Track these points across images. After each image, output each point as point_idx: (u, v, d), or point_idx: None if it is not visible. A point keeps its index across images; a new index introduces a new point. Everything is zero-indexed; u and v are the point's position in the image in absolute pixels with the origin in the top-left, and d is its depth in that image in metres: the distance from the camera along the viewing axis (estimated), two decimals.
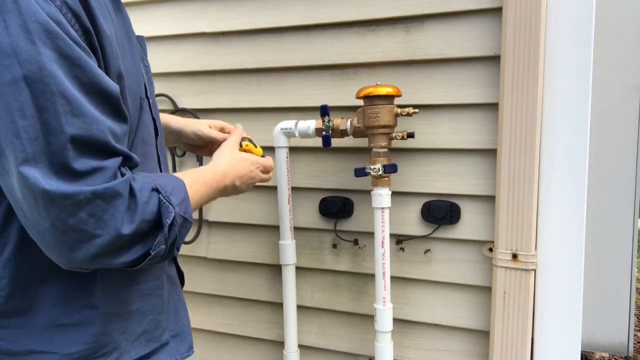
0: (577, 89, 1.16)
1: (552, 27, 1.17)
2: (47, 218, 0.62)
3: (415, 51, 1.30)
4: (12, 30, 0.59)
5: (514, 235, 1.21)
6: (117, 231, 0.66)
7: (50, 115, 0.61)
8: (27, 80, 0.59)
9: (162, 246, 0.72)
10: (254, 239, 1.54)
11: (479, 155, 1.28)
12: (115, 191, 0.65)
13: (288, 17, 1.41)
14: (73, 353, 0.74)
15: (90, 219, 0.63)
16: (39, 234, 0.64)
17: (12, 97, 0.59)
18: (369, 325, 1.43)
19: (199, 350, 1.66)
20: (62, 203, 0.61)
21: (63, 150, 0.61)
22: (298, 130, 1.33)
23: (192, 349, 0.95)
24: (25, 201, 0.61)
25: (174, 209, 0.73)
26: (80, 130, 0.63)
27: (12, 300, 0.72)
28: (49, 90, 0.60)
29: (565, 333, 1.21)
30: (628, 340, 2.60)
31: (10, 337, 0.72)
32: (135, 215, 0.68)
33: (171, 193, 0.74)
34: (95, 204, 0.63)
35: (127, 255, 0.69)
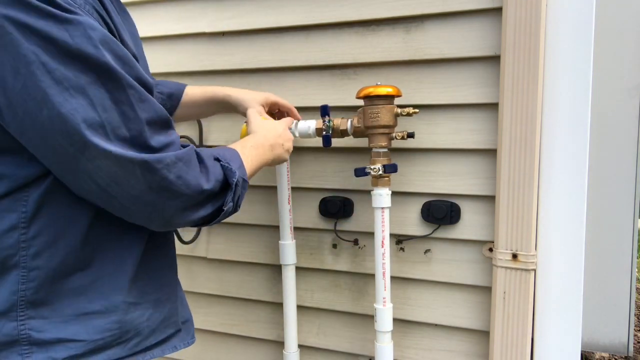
0: (577, 89, 1.16)
1: (552, 27, 1.17)
2: (143, 182, 0.72)
3: (415, 51, 1.30)
4: (77, 39, 0.67)
5: (514, 235, 1.21)
6: (199, 186, 0.78)
7: (126, 106, 0.71)
8: (101, 80, 0.69)
9: (231, 203, 0.86)
10: (254, 239, 1.54)
11: (479, 155, 1.28)
12: (190, 155, 0.78)
13: (288, 17, 1.41)
14: (98, 340, 0.79)
15: (178, 180, 0.75)
16: (135, 198, 0.74)
17: (93, 94, 0.68)
18: (369, 325, 1.43)
19: (198, 350, 1.66)
20: (155, 167, 0.72)
21: (142, 133, 0.73)
22: (298, 130, 1.33)
23: (194, 337, 1.02)
24: (123, 171, 0.71)
25: (236, 172, 0.86)
26: (150, 113, 0.74)
27: (40, 292, 0.75)
28: (120, 85, 0.71)
29: (565, 333, 1.21)
30: (628, 340, 2.60)
31: (39, 327, 0.75)
32: (209, 174, 0.81)
33: (230, 160, 0.87)
34: (178, 167, 0.75)
35: (205, 210, 0.82)
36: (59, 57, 0.66)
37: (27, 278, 0.74)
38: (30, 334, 0.75)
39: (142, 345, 0.86)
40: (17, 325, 0.74)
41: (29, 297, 0.74)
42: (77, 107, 0.67)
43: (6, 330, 0.74)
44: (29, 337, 0.75)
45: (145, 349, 0.87)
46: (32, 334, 0.75)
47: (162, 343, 0.90)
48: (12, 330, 0.74)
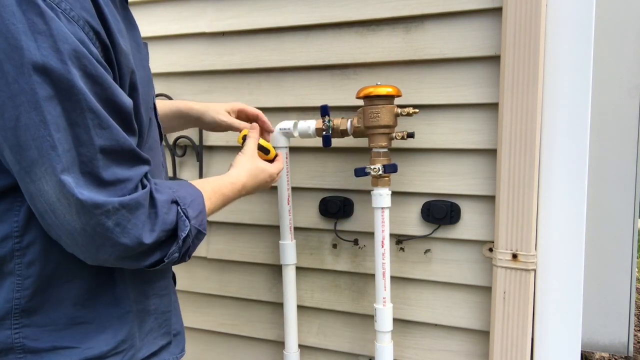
0: (577, 89, 1.16)
1: (552, 27, 1.17)
2: (78, 222, 0.67)
3: (415, 51, 1.30)
4: (44, 51, 0.63)
5: (514, 235, 1.21)
6: (139, 240, 0.72)
7: (81, 129, 0.66)
8: (60, 97, 0.64)
9: (176, 254, 0.78)
10: (254, 239, 1.54)
11: (479, 155, 1.28)
12: (138, 202, 0.71)
13: (288, 17, 1.41)
14: (93, 348, 0.77)
15: (116, 228, 0.69)
16: (69, 234, 0.69)
17: (48, 112, 0.64)
18: (369, 325, 1.43)
19: (199, 351, 1.66)
20: (92, 212, 0.67)
21: (93, 161, 0.67)
22: (298, 130, 1.33)
23: (184, 350, 0.98)
24: (60, 205, 0.66)
25: (190, 222, 0.79)
26: (108, 142, 0.68)
27: (34, 299, 0.74)
28: (79, 107, 0.66)
29: (565, 333, 1.21)
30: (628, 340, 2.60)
31: (34, 335, 0.74)
32: (156, 225, 0.74)
33: (189, 206, 0.80)
34: (120, 214, 0.69)
35: (145, 260, 0.75)
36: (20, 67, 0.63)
37: (21, 286, 0.74)
38: (24, 342, 0.74)
39: (138, 357, 0.84)
40: (11, 334, 0.73)
41: (23, 305, 0.74)
42: (29, 124, 0.64)
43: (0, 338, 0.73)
44: (23, 345, 0.74)
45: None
46: (26, 342, 0.74)
47: (153, 356, 0.88)
48: (7, 338, 0.73)
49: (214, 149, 1.57)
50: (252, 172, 1.05)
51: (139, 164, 0.74)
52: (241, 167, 1.04)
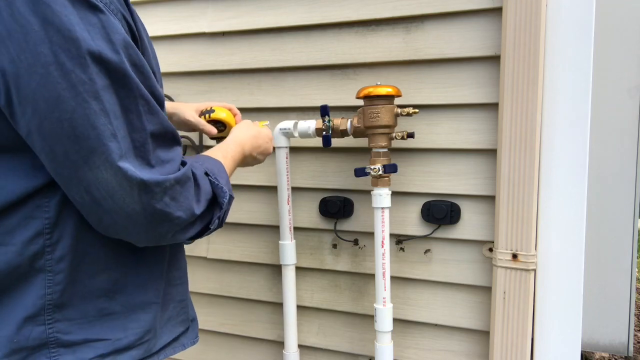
0: (577, 89, 1.16)
1: (552, 27, 1.17)
2: (139, 203, 0.71)
3: (415, 51, 1.30)
4: (98, 42, 0.66)
5: (514, 235, 1.21)
6: (191, 211, 0.77)
7: (134, 115, 0.70)
8: (115, 86, 0.68)
9: (216, 221, 0.84)
10: (254, 239, 1.54)
11: (479, 155, 1.28)
12: (187, 176, 0.77)
13: (288, 17, 1.41)
14: (122, 338, 0.80)
15: (172, 202, 0.74)
16: (128, 216, 0.72)
17: (107, 100, 0.67)
18: (369, 325, 1.43)
19: (199, 351, 1.66)
20: (154, 190, 0.71)
21: (145, 145, 0.71)
22: (298, 130, 1.33)
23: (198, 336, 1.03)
24: (120, 189, 0.69)
25: (226, 190, 0.85)
26: (156, 126, 0.73)
27: (66, 294, 0.76)
28: (132, 95, 0.69)
29: (565, 333, 1.21)
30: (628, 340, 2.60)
31: (66, 329, 0.76)
32: (201, 195, 0.80)
33: (218, 175, 0.86)
34: (175, 189, 0.74)
35: (193, 229, 0.80)
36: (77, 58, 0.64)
37: (53, 282, 0.75)
38: (57, 336, 0.75)
39: (159, 345, 0.88)
40: (45, 329, 0.75)
41: (55, 301, 0.75)
42: (89, 113, 0.66)
43: (35, 334, 0.74)
44: (57, 340, 0.75)
45: (161, 349, 0.89)
46: (60, 336, 0.76)
47: (173, 342, 0.92)
48: (41, 334, 0.74)
49: None
50: (250, 133, 1.10)
51: (177, 145, 0.79)
52: (239, 129, 1.11)
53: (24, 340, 0.74)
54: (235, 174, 1.52)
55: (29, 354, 0.74)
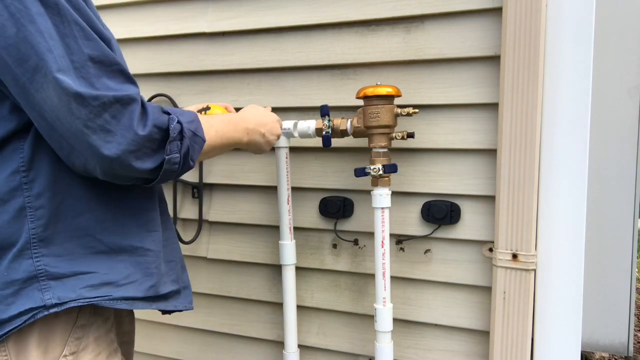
0: (577, 89, 1.16)
1: (552, 27, 1.17)
2: (79, 120, 0.74)
3: (415, 51, 1.30)
4: None
5: (514, 235, 1.21)
6: (134, 131, 0.77)
7: (70, 39, 0.75)
8: (49, 13, 0.74)
9: (176, 155, 0.83)
10: (254, 239, 1.54)
11: (479, 155, 1.28)
12: (131, 97, 0.78)
13: (288, 17, 1.41)
14: (109, 273, 0.85)
15: (113, 120, 0.75)
16: (75, 136, 0.75)
17: (40, 23, 0.73)
18: (369, 325, 1.43)
19: (199, 351, 1.66)
20: (91, 103, 0.74)
21: (85, 67, 0.75)
22: (298, 130, 1.33)
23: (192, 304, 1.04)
24: (62, 105, 0.73)
25: (182, 124, 0.84)
26: (95, 51, 0.76)
27: (49, 230, 0.81)
28: (66, 20, 0.75)
29: (565, 333, 1.21)
30: (628, 340, 2.60)
31: (53, 263, 0.81)
32: (148, 120, 0.80)
33: (181, 115, 0.86)
34: (115, 107, 0.75)
35: (148, 161, 0.80)
36: None
37: (34, 216, 0.80)
38: (46, 269, 0.80)
39: (154, 292, 0.90)
40: (33, 262, 0.80)
41: (39, 235, 0.80)
42: (27, 35, 0.72)
43: (24, 267, 0.79)
44: (46, 272, 0.80)
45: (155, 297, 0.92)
46: (48, 269, 0.80)
47: (167, 297, 0.95)
48: (29, 266, 0.79)
49: None
50: (256, 109, 1.11)
51: (128, 82, 0.80)
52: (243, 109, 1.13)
53: (14, 273, 0.79)
54: (235, 174, 1.52)
55: (21, 287, 0.79)
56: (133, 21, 1.60)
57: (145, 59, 1.61)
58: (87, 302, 0.82)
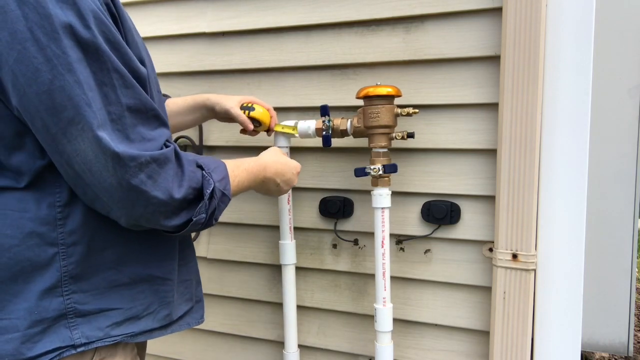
0: (577, 89, 1.16)
1: (552, 27, 1.17)
2: (114, 177, 0.72)
3: (415, 51, 1.30)
4: (71, 17, 0.69)
5: (514, 235, 1.21)
6: (169, 192, 0.77)
7: (109, 88, 0.72)
8: (88, 59, 0.70)
9: (203, 215, 0.83)
10: (254, 239, 1.54)
11: (479, 155, 1.28)
12: (167, 157, 0.77)
13: (288, 17, 1.41)
14: (131, 307, 0.85)
15: (149, 180, 0.74)
16: (106, 191, 0.73)
17: (80, 72, 0.69)
18: (369, 325, 1.43)
19: (199, 350, 1.66)
20: (128, 164, 0.71)
21: (122, 118, 0.73)
22: (298, 130, 1.33)
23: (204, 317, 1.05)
24: (97, 161, 0.71)
25: (214, 183, 0.83)
26: (133, 100, 0.74)
27: (79, 267, 0.80)
28: (105, 67, 0.71)
29: (565, 333, 1.21)
30: (628, 340, 2.60)
31: (81, 300, 0.80)
32: (183, 180, 0.79)
33: (213, 171, 0.85)
34: (151, 167, 0.74)
35: (176, 219, 0.80)
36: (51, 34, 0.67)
37: (66, 254, 0.78)
38: (75, 307, 0.80)
39: (169, 319, 0.91)
40: (63, 300, 0.79)
41: (71, 272, 0.79)
42: (64, 84, 0.68)
43: (54, 305, 0.78)
44: (75, 310, 0.79)
45: (170, 323, 0.92)
46: (77, 306, 0.80)
47: (180, 319, 0.95)
48: (60, 305, 0.78)
49: (214, 149, 1.57)
50: (276, 158, 1.10)
51: (161, 126, 0.79)
52: (265, 153, 1.12)
53: (44, 312, 0.77)
54: None
55: (50, 325, 0.78)
56: (134, 21, 1.60)
57: None
58: (112, 341, 0.82)
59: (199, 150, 1.55)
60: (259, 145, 1.47)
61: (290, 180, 1.13)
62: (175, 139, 1.57)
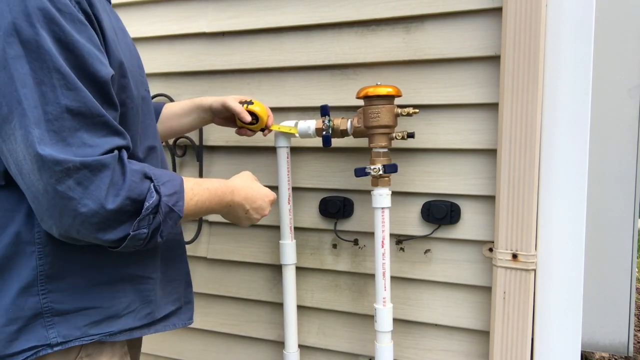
0: (577, 89, 1.16)
1: (552, 27, 1.17)
2: (40, 181, 0.68)
3: (415, 51, 1.30)
4: (15, 14, 0.67)
5: (514, 235, 1.21)
6: (101, 202, 0.70)
7: (47, 87, 0.68)
8: (28, 57, 0.67)
9: (144, 230, 0.76)
10: (254, 239, 1.54)
11: (479, 155, 1.28)
12: (102, 164, 0.71)
13: (288, 17, 1.41)
14: (111, 306, 0.84)
15: (77, 187, 0.69)
16: (35, 197, 0.70)
17: (15, 69, 0.67)
18: (369, 325, 1.43)
19: (199, 350, 1.66)
20: (52, 168, 0.67)
21: (59, 120, 0.68)
22: (298, 130, 1.33)
23: (192, 319, 1.04)
24: (25, 163, 0.68)
25: (161, 197, 0.77)
26: (75, 103, 0.69)
27: (56, 266, 0.79)
28: (46, 66, 0.68)
29: (565, 333, 1.21)
30: (628, 340, 2.60)
31: (59, 299, 0.80)
32: (121, 190, 0.72)
33: (163, 184, 0.79)
34: (82, 173, 0.69)
35: (111, 233, 0.74)
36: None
37: (43, 253, 0.78)
38: (51, 305, 0.79)
39: (151, 318, 0.90)
40: (39, 299, 0.78)
41: (47, 272, 0.78)
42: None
43: (30, 304, 0.78)
44: (51, 309, 0.79)
45: (152, 323, 0.91)
46: (53, 305, 0.79)
47: (164, 319, 0.94)
48: (36, 304, 0.78)
49: (214, 149, 1.57)
50: (247, 182, 1.04)
51: (111, 135, 0.74)
52: (237, 176, 1.07)
53: (20, 310, 0.77)
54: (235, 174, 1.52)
55: (26, 324, 0.78)
56: (133, 21, 1.60)
57: (145, 59, 1.59)
58: (90, 340, 0.82)
59: (199, 150, 1.55)
60: (259, 145, 1.48)
61: (261, 208, 1.05)
62: (176, 139, 1.57)
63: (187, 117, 1.29)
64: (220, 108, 1.26)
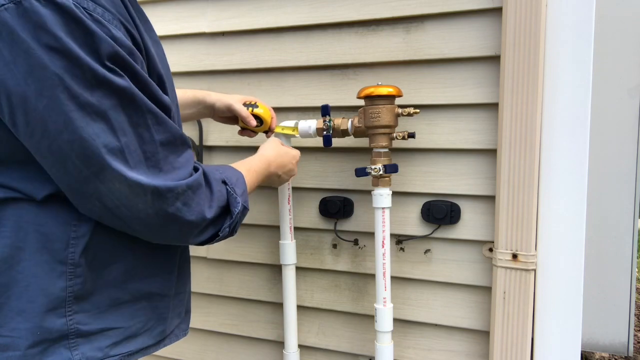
0: (577, 89, 1.16)
1: (552, 27, 1.17)
2: (152, 208, 0.75)
3: (415, 51, 1.30)
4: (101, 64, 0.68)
5: (514, 235, 1.21)
6: (202, 215, 0.81)
7: (143, 129, 0.73)
8: (122, 105, 0.70)
9: (227, 229, 0.87)
10: (254, 239, 1.54)
11: (479, 155, 1.28)
12: (199, 182, 0.81)
13: (288, 17, 1.41)
14: (131, 326, 0.85)
15: (184, 207, 0.78)
16: (141, 221, 0.76)
17: (114, 119, 0.70)
18: (369, 325, 1.43)
19: (199, 350, 1.66)
20: (166, 196, 0.75)
21: (155, 155, 0.75)
22: (299, 129, 1.33)
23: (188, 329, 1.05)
24: (134, 197, 0.73)
25: (240, 200, 0.88)
26: (165, 135, 0.76)
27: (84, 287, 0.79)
28: (140, 110, 0.72)
29: (565, 333, 1.21)
30: (628, 340, 2.60)
31: (84, 320, 0.79)
32: (213, 201, 0.83)
33: (235, 185, 0.90)
34: (187, 195, 0.78)
35: (204, 235, 0.85)
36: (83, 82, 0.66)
37: (74, 274, 0.77)
38: (77, 327, 0.78)
39: (163, 335, 0.91)
40: (66, 321, 0.77)
41: (76, 292, 0.78)
42: (98, 131, 0.68)
43: (57, 326, 0.77)
44: (77, 330, 0.78)
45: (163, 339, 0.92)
46: (79, 327, 0.79)
47: (171, 333, 0.95)
48: (62, 325, 0.77)
49: (214, 149, 1.57)
50: (276, 152, 1.16)
51: (187, 148, 0.82)
52: (266, 147, 1.17)
53: (47, 333, 0.76)
54: None
55: (50, 345, 0.77)
56: None
57: None
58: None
59: (199, 150, 1.55)
60: (259, 145, 1.47)
61: (291, 171, 1.21)
62: None
63: (187, 110, 1.29)
64: (224, 109, 1.27)
